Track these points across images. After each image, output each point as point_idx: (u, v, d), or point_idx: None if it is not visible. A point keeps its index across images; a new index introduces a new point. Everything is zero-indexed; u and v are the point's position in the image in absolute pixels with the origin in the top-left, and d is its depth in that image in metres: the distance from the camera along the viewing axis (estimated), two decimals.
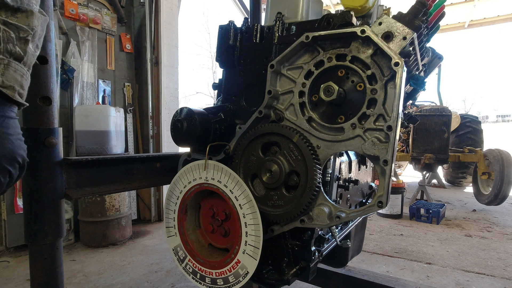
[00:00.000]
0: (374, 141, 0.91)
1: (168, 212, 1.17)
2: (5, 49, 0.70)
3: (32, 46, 0.77)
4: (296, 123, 1.01)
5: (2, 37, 0.70)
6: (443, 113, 4.84)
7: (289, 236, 1.07)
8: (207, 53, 26.18)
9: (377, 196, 0.91)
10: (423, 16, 1.13)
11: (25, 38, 0.74)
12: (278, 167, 0.99)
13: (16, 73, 0.73)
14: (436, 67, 1.59)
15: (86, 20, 3.53)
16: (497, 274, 2.63)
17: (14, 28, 0.71)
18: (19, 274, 2.58)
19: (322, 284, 1.89)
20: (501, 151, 4.56)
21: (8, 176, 0.74)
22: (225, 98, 1.23)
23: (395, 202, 4.28)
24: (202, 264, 1.11)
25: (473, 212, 4.75)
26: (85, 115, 3.22)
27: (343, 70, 0.97)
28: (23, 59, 0.74)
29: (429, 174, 6.18)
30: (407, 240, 3.45)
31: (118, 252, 3.12)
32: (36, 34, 0.77)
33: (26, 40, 0.74)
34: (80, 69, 3.48)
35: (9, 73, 0.71)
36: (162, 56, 4.20)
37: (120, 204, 3.35)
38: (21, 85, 0.75)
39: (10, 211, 2.95)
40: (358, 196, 1.40)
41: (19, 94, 0.74)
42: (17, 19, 0.72)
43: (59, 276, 1.04)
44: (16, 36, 0.72)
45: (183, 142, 1.11)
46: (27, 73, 0.77)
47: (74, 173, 1.09)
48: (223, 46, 1.21)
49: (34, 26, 0.75)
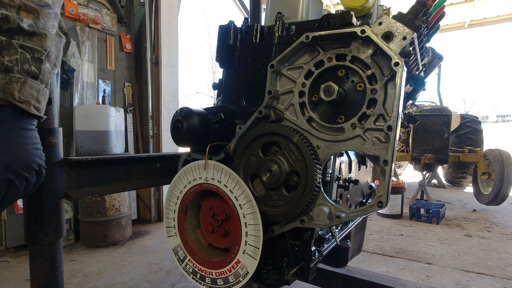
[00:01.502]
0: (374, 141, 0.91)
1: (168, 212, 1.17)
2: (22, 69, 0.80)
3: (49, 65, 0.86)
4: (296, 123, 1.01)
5: (19, 59, 0.79)
6: (443, 113, 4.84)
7: (289, 236, 1.07)
8: (207, 53, 26.20)
9: (377, 196, 0.91)
10: (423, 16, 1.13)
11: (39, 58, 0.83)
12: (278, 167, 0.99)
13: (32, 89, 0.82)
14: (436, 67, 1.59)
15: (86, 20, 3.53)
16: (497, 274, 2.63)
17: (29, 50, 0.81)
18: (19, 274, 2.58)
19: (322, 284, 1.89)
20: (501, 151, 4.56)
21: (25, 181, 0.81)
22: (225, 98, 1.23)
23: (395, 202, 4.28)
24: (202, 264, 1.11)
25: (473, 212, 4.74)
26: (85, 115, 3.22)
27: (343, 70, 0.97)
28: (39, 77, 0.84)
29: (429, 174, 6.18)
30: (407, 240, 3.45)
31: (118, 252, 3.12)
32: (51, 54, 0.86)
33: (41, 59, 0.83)
34: (80, 69, 3.48)
35: (26, 89, 0.81)
36: (162, 56, 4.20)
37: (120, 204, 3.35)
38: (37, 99, 0.84)
39: (10, 211, 2.95)
40: (358, 196, 1.40)
41: (35, 108, 0.84)
42: (32, 42, 0.81)
43: (59, 276, 1.04)
44: (31, 56, 0.81)
45: (183, 142, 1.11)
46: (44, 89, 0.86)
47: (74, 173, 1.09)
48: (223, 46, 1.21)
49: (47, 47, 0.84)
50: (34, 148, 0.83)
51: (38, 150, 0.84)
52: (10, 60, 0.78)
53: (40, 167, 0.85)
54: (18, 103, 0.79)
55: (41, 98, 0.85)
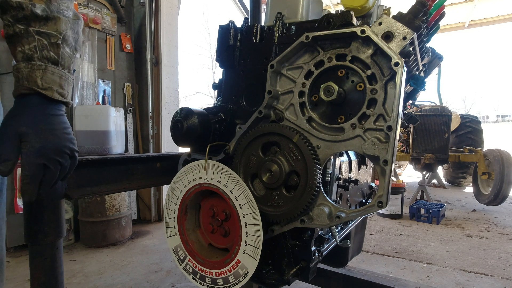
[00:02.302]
0: (374, 141, 0.91)
1: (168, 212, 1.17)
2: (41, 56, 0.80)
3: (68, 49, 0.86)
4: (296, 123, 1.01)
5: (38, 45, 0.80)
6: (443, 113, 4.85)
7: (289, 236, 1.07)
8: (207, 53, 26.22)
9: (377, 196, 0.91)
10: (423, 16, 1.13)
11: (56, 43, 0.82)
12: (278, 167, 0.99)
13: (54, 75, 0.82)
14: (436, 67, 1.59)
15: (86, 20, 3.53)
16: (497, 274, 2.63)
17: (45, 35, 0.81)
18: (19, 274, 2.58)
19: (322, 284, 1.89)
20: (501, 151, 4.56)
21: (59, 165, 0.83)
22: (225, 98, 1.23)
23: (395, 202, 4.28)
24: (202, 264, 1.11)
25: (473, 212, 4.74)
26: (85, 115, 3.22)
27: (343, 70, 0.97)
28: (59, 62, 0.84)
29: (429, 174, 6.18)
30: (407, 240, 3.45)
31: (118, 252, 3.12)
32: (68, 37, 0.85)
33: (57, 44, 0.83)
34: (80, 69, 3.48)
35: (47, 76, 0.81)
36: (162, 56, 4.20)
37: (120, 204, 3.35)
38: (60, 85, 0.84)
39: (10, 211, 2.95)
40: (358, 196, 1.40)
41: (59, 93, 0.84)
42: (47, 27, 0.81)
43: (59, 276, 1.04)
44: (48, 42, 0.81)
45: (183, 142, 1.11)
46: (66, 74, 0.86)
47: (74, 173, 1.08)
48: (223, 46, 1.21)
49: (62, 30, 0.83)
50: (64, 133, 0.84)
51: (68, 135, 0.85)
52: (30, 48, 0.79)
53: (72, 150, 0.86)
54: (41, 90, 0.80)
55: (64, 83, 0.85)
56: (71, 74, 0.88)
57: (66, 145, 0.84)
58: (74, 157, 0.88)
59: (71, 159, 0.87)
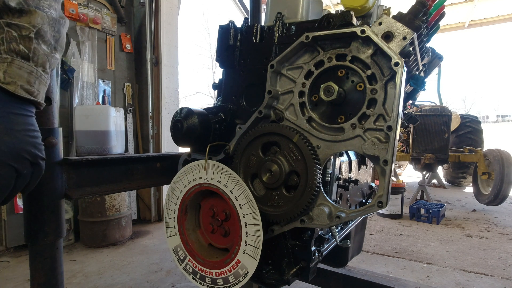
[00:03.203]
0: (374, 141, 0.91)
1: (168, 212, 1.17)
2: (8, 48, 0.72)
3: (45, 47, 0.78)
4: (296, 123, 1.01)
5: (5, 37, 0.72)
6: (443, 113, 4.84)
7: (289, 236, 1.07)
8: (207, 53, 26.24)
9: (377, 196, 0.91)
10: (423, 16, 1.13)
11: (28, 36, 0.74)
12: (278, 167, 0.99)
13: (21, 70, 0.73)
14: (436, 67, 1.59)
15: (86, 20, 3.53)
16: (497, 274, 2.63)
17: (16, 27, 0.73)
18: (19, 274, 2.58)
19: (322, 284, 1.89)
20: (501, 151, 4.56)
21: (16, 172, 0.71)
22: (225, 98, 1.23)
23: (395, 202, 4.28)
24: (202, 264, 1.11)
25: (473, 212, 4.74)
26: (85, 115, 3.22)
27: (343, 70, 0.97)
28: (30, 57, 0.75)
29: (429, 174, 6.18)
30: (407, 240, 3.45)
31: (118, 252, 3.12)
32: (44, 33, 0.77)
33: (29, 37, 0.75)
34: (80, 69, 3.48)
35: (12, 69, 0.72)
36: (162, 56, 4.20)
37: (120, 204, 3.35)
38: (28, 81, 0.75)
39: (10, 211, 2.95)
40: (358, 196, 1.40)
41: (25, 90, 0.74)
42: (20, 19, 0.74)
43: (59, 276, 1.04)
44: (19, 34, 0.73)
45: (183, 142, 1.11)
46: (39, 71, 0.77)
47: (74, 173, 1.09)
48: (223, 46, 1.21)
49: (36, 23, 0.75)
50: (26, 135, 0.73)
51: (31, 138, 0.74)
52: None
53: (34, 156, 0.74)
54: (2, 84, 0.71)
55: (33, 80, 0.76)
56: (46, 73, 0.79)
57: (27, 149, 0.72)
58: (38, 165, 0.76)
59: (33, 167, 0.75)
